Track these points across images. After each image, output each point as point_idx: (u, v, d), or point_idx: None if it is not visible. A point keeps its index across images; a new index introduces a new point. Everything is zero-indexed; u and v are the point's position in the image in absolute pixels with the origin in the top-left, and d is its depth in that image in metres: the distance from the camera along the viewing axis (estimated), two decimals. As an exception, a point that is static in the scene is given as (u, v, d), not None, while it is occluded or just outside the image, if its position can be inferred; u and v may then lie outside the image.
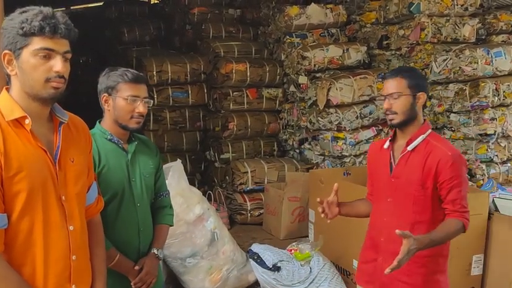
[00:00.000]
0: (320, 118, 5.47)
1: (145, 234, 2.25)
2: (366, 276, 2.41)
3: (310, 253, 3.78)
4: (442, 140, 2.33)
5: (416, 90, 2.23)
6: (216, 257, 3.59)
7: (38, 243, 1.54)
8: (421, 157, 2.20)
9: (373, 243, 2.35)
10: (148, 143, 2.38)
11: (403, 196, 2.23)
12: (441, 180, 2.16)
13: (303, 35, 6.17)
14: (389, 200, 2.27)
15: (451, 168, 2.15)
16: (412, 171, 2.21)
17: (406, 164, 2.23)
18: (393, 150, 2.30)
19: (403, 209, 2.23)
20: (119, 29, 8.22)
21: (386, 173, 2.29)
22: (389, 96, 2.22)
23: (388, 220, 2.26)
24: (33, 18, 1.50)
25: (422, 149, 2.21)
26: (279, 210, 5.18)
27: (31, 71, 1.52)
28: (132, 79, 2.15)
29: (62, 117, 1.64)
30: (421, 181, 2.19)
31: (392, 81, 2.24)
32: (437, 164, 2.16)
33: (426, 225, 2.20)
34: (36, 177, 1.53)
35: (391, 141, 2.32)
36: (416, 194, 2.20)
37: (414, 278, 2.24)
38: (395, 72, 2.29)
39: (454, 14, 5.46)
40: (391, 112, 2.22)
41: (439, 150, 2.19)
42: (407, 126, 2.24)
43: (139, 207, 2.21)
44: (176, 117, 6.44)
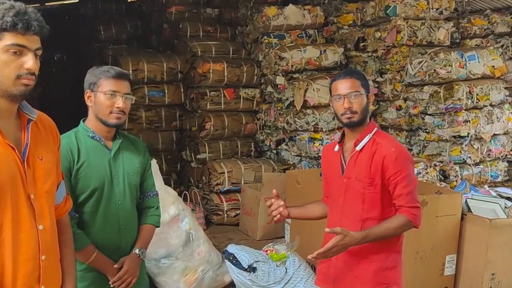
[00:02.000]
0: (297, 119, 5.49)
1: (127, 233, 2.23)
2: (321, 276, 2.45)
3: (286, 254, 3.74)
4: (387, 137, 2.38)
5: (367, 91, 2.30)
6: (191, 257, 3.56)
7: (6, 243, 1.50)
8: (368, 155, 2.24)
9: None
10: (136, 142, 2.37)
11: (353, 195, 2.27)
12: (387, 176, 2.21)
13: (281, 36, 6.18)
14: (341, 200, 2.31)
15: (395, 164, 2.19)
16: (361, 170, 2.25)
17: (355, 163, 2.27)
18: (343, 151, 2.33)
19: (353, 208, 2.27)
20: (95, 26, 8.12)
21: (339, 174, 2.33)
22: (348, 95, 2.23)
23: (340, 219, 2.29)
24: (5, 13, 1.46)
25: (369, 147, 2.25)
26: (255, 211, 5.17)
27: (1, 67, 1.48)
28: (113, 75, 2.16)
29: (30, 114, 1.60)
30: (369, 179, 2.23)
31: (347, 82, 2.27)
32: (382, 160, 2.21)
33: (376, 221, 2.23)
34: (4, 176, 1.49)
35: (340, 143, 2.35)
36: (365, 191, 2.24)
37: (364, 273, 2.28)
38: (348, 73, 2.33)
39: (430, 17, 5.55)
40: (351, 111, 2.22)
41: (383, 147, 2.24)
42: (359, 126, 2.27)
43: (121, 205, 2.19)
44: (152, 116, 6.38)
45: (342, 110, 2.24)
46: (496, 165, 5.39)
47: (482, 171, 5.30)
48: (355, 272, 2.28)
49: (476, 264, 3.63)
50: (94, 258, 2.10)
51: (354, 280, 2.30)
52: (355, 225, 2.22)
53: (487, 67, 5.13)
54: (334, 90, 2.30)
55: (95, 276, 2.15)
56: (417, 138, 5.39)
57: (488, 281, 3.59)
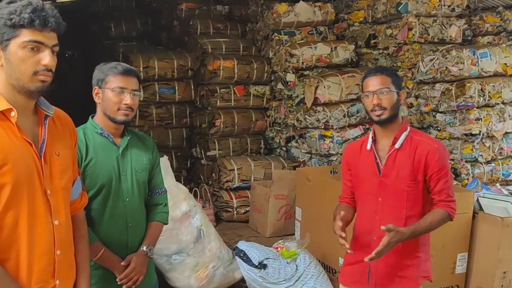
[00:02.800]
0: (307, 116, 5.48)
1: (135, 230, 2.23)
2: (352, 277, 2.43)
3: (297, 251, 3.78)
4: (423, 134, 2.40)
5: (398, 88, 2.30)
6: (202, 254, 3.57)
7: (22, 238, 1.52)
8: (408, 153, 2.25)
9: (363, 244, 2.36)
10: (145, 139, 2.36)
11: (394, 193, 2.27)
12: (430, 172, 2.23)
13: (291, 33, 6.16)
14: (380, 199, 2.30)
15: (439, 160, 2.23)
16: (402, 168, 2.25)
17: (394, 162, 2.27)
18: (376, 150, 2.32)
19: (395, 206, 2.28)
20: (106, 23, 8.14)
21: (374, 173, 2.31)
22: (378, 91, 2.23)
23: (381, 219, 2.29)
24: (22, 10, 1.47)
25: (408, 145, 2.26)
26: (265, 208, 5.17)
27: (19, 63, 1.49)
28: (121, 71, 2.15)
29: (47, 110, 1.62)
30: (412, 176, 2.25)
31: (378, 78, 2.27)
32: (425, 157, 2.23)
33: (417, 218, 2.27)
34: (21, 171, 1.50)
35: (373, 142, 2.34)
36: (408, 189, 2.26)
37: (410, 271, 2.31)
38: (378, 70, 2.33)
39: (441, 14, 5.50)
40: (380, 108, 2.24)
41: (425, 144, 2.26)
42: (391, 123, 2.28)
43: (129, 202, 2.19)
44: (162, 113, 6.39)
45: (371, 106, 2.25)
46: (507, 163, 5.35)
47: (494, 169, 5.27)
48: (401, 271, 2.30)
49: (487, 262, 3.62)
50: (101, 255, 2.10)
51: (401, 280, 2.31)
52: (398, 223, 2.23)
53: (499, 64, 5.09)
54: (364, 87, 2.31)
55: (102, 273, 2.15)
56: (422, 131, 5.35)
57: (500, 279, 3.57)
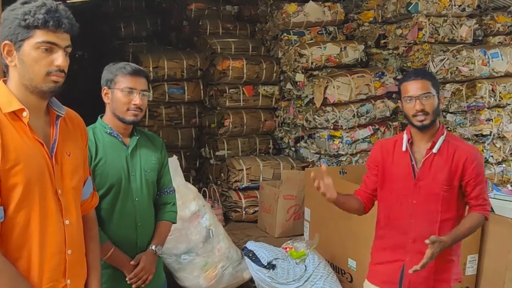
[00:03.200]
0: (316, 116, 5.47)
1: (144, 230, 2.24)
2: (383, 276, 2.43)
3: (306, 251, 3.78)
4: (459, 139, 2.42)
5: (438, 92, 2.29)
6: (211, 254, 3.57)
7: (34, 237, 1.53)
8: (445, 158, 2.26)
9: (396, 245, 2.36)
10: (153, 138, 2.37)
11: (429, 197, 2.28)
12: (467, 178, 2.25)
13: (301, 33, 6.16)
14: (415, 202, 2.30)
15: (476, 167, 2.25)
16: (439, 173, 2.26)
17: (431, 166, 2.27)
18: (412, 152, 2.31)
19: (429, 210, 2.28)
20: (116, 24, 8.18)
21: (408, 175, 2.31)
22: (420, 96, 2.22)
23: (416, 221, 2.30)
24: (36, 11, 1.48)
25: (445, 149, 2.26)
26: (274, 208, 5.17)
27: (32, 64, 1.50)
28: (130, 72, 2.16)
29: (59, 110, 1.63)
30: (448, 181, 2.25)
31: (419, 83, 2.25)
32: (463, 163, 2.24)
33: (452, 222, 2.28)
34: (33, 170, 1.51)
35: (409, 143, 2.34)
36: (444, 193, 2.26)
37: (445, 273, 2.33)
38: (419, 74, 2.31)
39: (452, 14, 5.47)
40: (423, 113, 2.22)
41: (462, 149, 2.27)
42: (430, 127, 2.26)
43: (138, 201, 2.20)
44: (172, 113, 6.41)
45: (413, 111, 2.23)
46: (518, 164, 5.32)
47: (505, 170, 5.23)
48: (436, 274, 2.31)
49: (498, 264, 3.59)
50: (111, 254, 2.11)
51: (435, 283, 2.33)
52: (432, 227, 2.26)
53: (510, 65, 5.06)
54: (404, 92, 2.28)
55: (112, 272, 2.16)
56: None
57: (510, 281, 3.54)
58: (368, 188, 2.48)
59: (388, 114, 5.55)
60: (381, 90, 5.46)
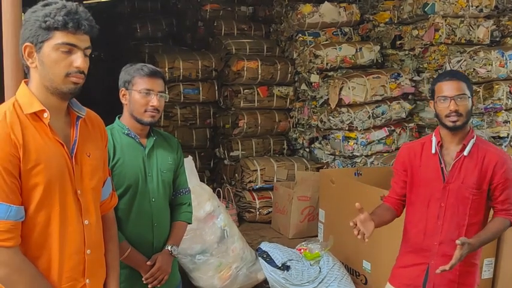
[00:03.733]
0: (331, 117, 5.45)
1: (160, 230, 2.25)
2: (406, 279, 2.41)
3: (320, 253, 3.77)
4: (489, 143, 2.40)
5: (471, 94, 2.27)
6: (225, 254, 3.58)
7: (53, 237, 1.55)
8: (475, 161, 2.24)
9: (421, 248, 2.35)
10: (169, 139, 2.39)
11: (457, 200, 2.26)
12: (496, 182, 2.24)
13: (316, 34, 6.14)
14: (443, 205, 2.28)
15: (506, 172, 2.23)
16: (468, 176, 2.25)
17: (461, 169, 2.25)
18: (442, 155, 2.29)
19: (457, 213, 2.27)
20: (132, 24, 8.24)
21: (438, 178, 2.29)
22: (455, 97, 2.19)
23: (443, 224, 2.29)
24: (56, 13, 1.49)
25: (475, 153, 2.25)
26: (288, 209, 5.16)
27: (52, 65, 1.52)
28: (147, 73, 2.17)
29: (79, 111, 1.64)
30: (477, 185, 2.24)
31: (454, 83, 2.23)
32: (493, 167, 2.23)
33: (479, 226, 2.28)
34: (53, 171, 1.53)
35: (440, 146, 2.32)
36: (472, 197, 2.25)
37: (469, 278, 2.33)
38: (454, 75, 2.29)
39: (469, 15, 5.41)
40: (457, 114, 2.19)
41: (492, 154, 2.25)
42: (461, 130, 2.24)
43: (154, 202, 2.21)
44: (187, 113, 6.45)
45: (447, 111, 2.20)
46: (536, 167, 5.24)
47: (522, 173, 5.16)
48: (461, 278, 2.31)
49: (515, 268, 3.55)
50: (128, 254, 2.12)
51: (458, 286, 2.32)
52: (459, 230, 2.26)
53: (528, 66, 4.99)
54: (438, 91, 2.25)
55: (128, 272, 2.17)
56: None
57: (528, 286, 3.50)
58: (397, 193, 2.46)
59: (404, 116, 5.51)
60: (397, 92, 5.42)
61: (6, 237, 1.45)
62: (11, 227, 1.46)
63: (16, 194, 1.48)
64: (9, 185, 1.45)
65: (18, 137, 1.48)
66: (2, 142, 1.46)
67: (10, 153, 1.46)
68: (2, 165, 1.45)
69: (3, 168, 1.45)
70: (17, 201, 1.47)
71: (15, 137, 1.47)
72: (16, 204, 1.47)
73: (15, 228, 1.47)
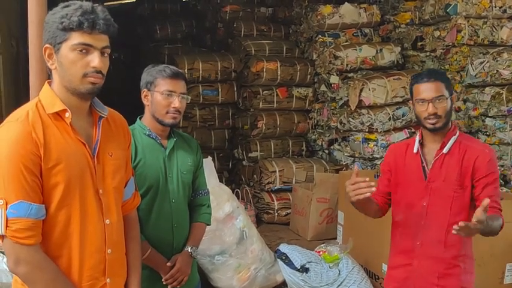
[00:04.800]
0: (351, 119, 5.41)
1: (180, 231, 2.26)
2: (395, 282, 2.39)
3: (339, 255, 3.74)
4: (473, 139, 2.36)
5: (450, 93, 2.23)
6: (244, 255, 3.58)
7: (74, 236, 1.56)
8: (456, 158, 2.20)
9: (405, 248, 2.32)
10: (189, 140, 2.40)
11: (439, 199, 2.22)
12: (478, 176, 2.16)
13: (336, 35, 6.10)
14: (425, 204, 2.24)
15: (488, 165, 2.16)
16: (449, 173, 2.20)
17: (441, 166, 2.22)
18: (423, 154, 2.27)
19: (440, 212, 2.21)
20: (151, 26, 8.30)
21: (419, 177, 2.26)
22: (433, 100, 2.16)
23: (425, 223, 2.24)
24: (72, 14, 1.50)
25: (456, 149, 2.21)
26: (307, 211, 5.14)
27: (69, 66, 1.53)
28: (170, 74, 2.18)
29: (101, 111, 1.65)
30: (459, 181, 2.19)
31: (432, 85, 2.19)
32: (474, 161, 2.17)
33: None
34: (74, 170, 1.54)
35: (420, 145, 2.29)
36: (455, 195, 2.19)
37: (448, 280, 2.25)
38: (432, 75, 2.24)
39: (492, 16, 5.32)
40: (436, 116, 2.17)
41: (474, 148, 2.20)
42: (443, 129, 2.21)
43: (174, 203, 2.22)
44: (205, 114, 6.46)
45: (425, 114, 2.18)
46: (560, 170, 5.13)
47: (546, 176, 5.06)
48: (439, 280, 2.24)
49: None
50: (148, 255, 2.12)
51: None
52: (441, 229, 2.20)
53: (553, 68, 4.89)
54: (416, 93, 2.22)
55: (148, 273, 2.17)
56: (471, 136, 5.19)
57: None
58: (380, 191, 2.42)
59: (424, 118, 5.44)
60: (418, 93, 5.35)
61: (26, 235, 1.47)
62: (32, 225, 1.47)
63: (37, 192, 1.49)
64: (30, 184, 1.47)
65: (39, 136, 1.49)
66: (24, 141, 1.47)
67: (31, 152, 1.47)
68: (24, 164, 1.46)
69: (25, 167, 1.46)
70: (37, 200, 1.49)
71: (37, 136, 1.49)
72: (37, 202, 1.48)
73: (36, 227, 1.49)
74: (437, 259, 2.21)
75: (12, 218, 1.46)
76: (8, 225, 1.46)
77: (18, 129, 1.49)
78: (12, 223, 1.46)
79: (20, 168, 1.46)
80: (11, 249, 1.49)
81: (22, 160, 1.46)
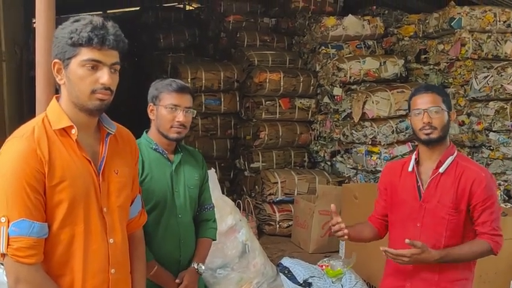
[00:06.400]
0: (354, 131, 5.39)
1: (187, 247, 2.23)
2: None
3: (342, 270, 3.70)
4: (470, 160, 2.28)
5: (449, 108, 2.18)
6: (246, 269, 3.53)
7: (77, 255, 1.53)
8: (452, 179, 2.13)
9: (398, 270, 2.24)
10: (195, 154, 2.37)
11: (433, 220, 2.15)
12: (474, 202, 2.10)
13: (339, 46, 6.11)
14: (419, 225, 2.18)
15: (484, 189, 2.09)
16: (444, 194, 2.13)
17: (437, 187, 2.15)
18: (419, 173, 2.20)
19: (434, 234, 2.14)
20: (155, 34, 8.31)
21: (414, 197, 2.19)
22: (429, 109, 2.11)
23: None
24: (82, 29, 1.48)
25: (453, 170, 2.14)
26: (309, 224, 5.10)
27: (78, 82, 1.50)
28: (175, 89, 2.16)
29: (109, 128, 1.63)
30: (454, 204, 2.12)
31: (429, 96, 2.15)
32: (471, 185, 2.10)
33: None
34: (78, 188, 1.51)
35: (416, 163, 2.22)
36: (449, 217, 2.12)
37: None
38: (429, 88, 2.22)
39: (496, 30, 5.34)
40: (430, 127, 2.10)
41: (471, 171, 2.13)
42: (438, 145, 2.15)
43: (181, 218, 2.20)
44: (208, 124, 6.45)
45: (420, 124, 2.12)
46: None
47: (550, 191, 5.04)
48: None
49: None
50: (155, 272, 2.09)
51: None
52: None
53: (558, 83, 4.89)
54: (413, 105, 2.19)
55: None
56: (480, 156, 5.18)
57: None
58: (378, 213, 2.38)
59: (427, 131, 5.43)
60: (421, 107, 5.34)
61: (28, 254, 1.44)
62: (34, 243, 1.45)
63: (40, 210, 1.46)
64: (33, 201, 1.44)
65: (44, 153, 1.47)
66: (28, 157, 1.45)
67: (35, 169, 1.45)
68: (27, 181, 1.44)
69: (28, 184, 1.44)
70: (40, 218, 1.46)
71: (41, 152, 1.46)
72: (39, 220, 1.46)
73: (37, 245, 1.46)
74: (431, 282, 2.14)
75: (13, 236, 1.43)
76: (10, 243, 1.43)
77: (23, 146, 1.46)
78: (13, 241, 1.43)
79: (23, 185, 1.43)
80: (11, 268, 1.46)
81: (25, 177, 1.44)
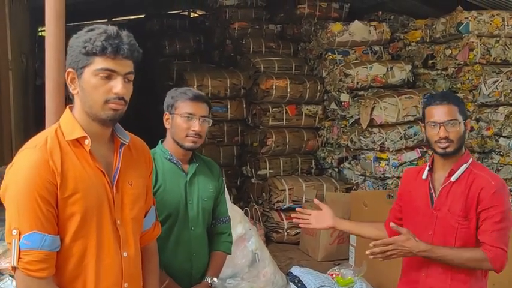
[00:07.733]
0: (362, 137, 5.35)
1: (199, 260, 2.19)
2: None
3: (353, 279, 3.65)
4: (484, 168, 2.23)
5: (465, 117, 2.15)
6: (256, 279, 3.49)
7: (89, 268, 1.50)
8: (463, 187, 2.09)
9: (411, 279, 2.22)
10: (212, 165, 2.33)
11: (444, 229, 2.12)
12: (480, 209, 2.06)
13: (345, 52, 6.08)
14: (430, 233, 2.14)
15: (492, 197, 2.04)
16: (455, 203, 2.09)
17: (448, 195, 2.12)
18: (432, 180, 2.18)
19: (445, 242, 2.10)
20: (161, 41, 8.31)
21: (426, 204, 2.17)
22: (445, 123, 2.08)
23: None
24: (96, 38, 1.46)
25: (465, 178, 2.11)
26: (317, 231, 5.05)
27: (91, 91, 1.48)
28: (191, 97, 2.13)
29: (123, 138, 1.60)
30: (464, 212, 2.08)
31: (445, 108, 2.11)
32: (479, 192, 2.06)
33: None
34: (91, 200, 1.49)
35: (430, 170, 2.20)
36: (459, 226, 2.08)
37: None
38: (445, 98, 2.16)
39: (505, 34, 5.30)
40: (447, 140, 2.08)
41: (482, 178, 2.09)
42: (454, 155, 2.13)
43: (194, 231, 2.16)
44: (215, 131, 6.42)
45: (436, 137, 2.09)
46: None
47: (562, 197, 4.98)
48: None
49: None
50: (166, 285, 2.05)
51: None
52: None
53: None
54: (428, 116, 2.14)
55: None
56: (490, 161, 5.13)
57: None
58: (394, 216, 2.36)
59: (436, 137, 5.39)
60: (429, 112, 5.31)
61: (39, 267, 1.41)
62: (45, 257, 1.42)
63: (52, 222, 1.44)
64: (44, 214, 1.42)
65: (56, 164, 1.44)
66: (40, 169, 1.42)
67: (47, 181, 1.42)
68: (39, 193, 1.41)
69: (40, 196, 1.41)
70: (52, 231, 1.43)
71: (54, 164, 1.44)
72: (51, 233, 1.43)
73: (49, 259, 1.43)
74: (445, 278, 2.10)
75: (25, 250, 1.40)
76: (21, 256, 1.40)
77: (36, 157, 1.44)
78: (24, 254, 1.40)
79: (35, 197, 1.41)
80: (21, 282, 1.43)
81: (37, 189, 1.41)
